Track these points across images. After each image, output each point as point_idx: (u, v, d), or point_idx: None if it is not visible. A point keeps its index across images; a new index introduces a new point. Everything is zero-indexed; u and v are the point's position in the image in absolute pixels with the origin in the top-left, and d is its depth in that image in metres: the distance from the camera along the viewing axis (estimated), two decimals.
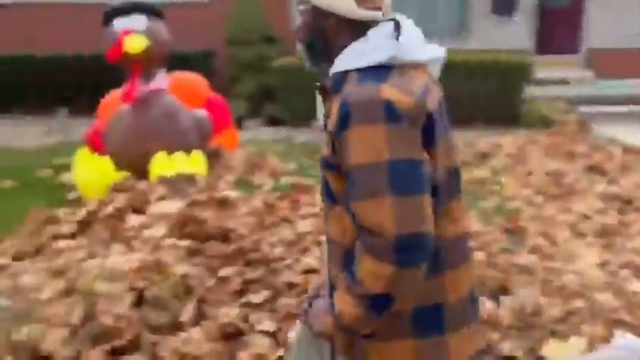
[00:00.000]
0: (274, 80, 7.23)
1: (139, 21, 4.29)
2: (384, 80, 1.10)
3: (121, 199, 3.09)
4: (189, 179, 3.43)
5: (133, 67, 4.32)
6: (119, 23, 4.26)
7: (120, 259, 2.44)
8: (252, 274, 2.38)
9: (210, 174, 4.27)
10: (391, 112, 1.07)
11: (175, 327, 2.16)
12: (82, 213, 3.03)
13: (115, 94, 5.18)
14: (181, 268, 2.36)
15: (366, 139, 1.07)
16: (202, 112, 4.85)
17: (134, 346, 2.10)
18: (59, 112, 6.95)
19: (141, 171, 4.19)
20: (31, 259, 2.79)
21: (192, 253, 2.55)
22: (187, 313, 2.16)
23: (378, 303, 1.10)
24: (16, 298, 2.35)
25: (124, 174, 4.17)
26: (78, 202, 4.14)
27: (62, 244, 2.80)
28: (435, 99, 1.18)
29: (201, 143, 4.72)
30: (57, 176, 5.11)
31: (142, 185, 3.36)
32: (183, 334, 2.09)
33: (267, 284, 2.34)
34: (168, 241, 2.62)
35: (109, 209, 3.02)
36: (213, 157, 4.82)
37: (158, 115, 4.40)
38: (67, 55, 7.62)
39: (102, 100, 5.23)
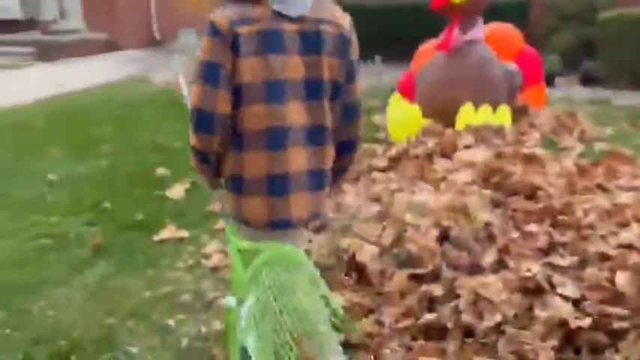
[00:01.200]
0: (597, 34, 6.42)
1: None
2: (224, 9, 1.60)
3: (429, 143, 3.26)
4: (498, 131, 3.39)
5: (453, 16, 4.39)
6: None
7: (428, 196, 2.62)
8: (559, 236, 2.27)
9: (515, 129, 4.14)
10: (212, 29, 1.59)
11: (474, 269, 2.23)
12: (395, 151, 3.32)
13: (430, 44, 5.39)
14: (485, 215, 2.40)
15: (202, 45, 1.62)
16: (513, 66, 4.68)
17: (434, 277, 2.27)
18: (374, 58, 7.56)
19: (447, 119, 4.32)
20: (351, 183, 3.21)
21: (496, 203, 2.56)
22: (488, 258, 2.21)
23: (195, 154, 1.67)
24: (339, 214, 2.76)
25: (430, 121, 4.37)
26: (385, 141, 4.54)
27: (376, 175, 3.14)
28: (254, 27, 1.58)
29: (509, 97, 4.59)
30: (368, 115, 5.64)
31: (449, 132, 3.46)
32: (481, 278, 2.16)
33: (576, 250, 2.21)
34: (473, 188, 2.68)
35: (419, 150, 3.23)
36: (519, 113, 4.63)
37: (471, 65, 4.41)
38: (387, 5, 8.16)
39: (418, 49, 5.52)
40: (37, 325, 2.49)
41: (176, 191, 3.88)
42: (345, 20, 1.73)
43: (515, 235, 2.31)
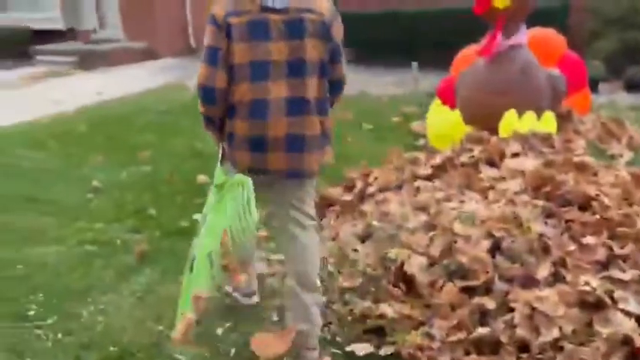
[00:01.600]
0: None
1: None
2: (223, 2, 2.03)
3: (475, 151, 3.19)
4: (545, 138, 3.30)
5: (496, 21, 4.32)
6: None
7: (477, 206, 2.56)
8: (619, 248, 2.19)
9: (561, 137, 4.04)
10: (212, 19, 2.02)
11: (528, 282, 2.17)
12: (439, 158, 3.26)
13: (470, 50, 5.31)
14: (539, 226, 2.33)
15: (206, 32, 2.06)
16: (557, 71, 4.57)
17: (486, 289, 2.21)
18: (410, 65, 7.50)
19: (489, 126, 4.24)
20: (394, 191, 3.17)
21: (548, 214, 2.48)
22: (543, 271, 2.14)
23: (203, 119, 2.16)
24: (385, 222, 2.72)
25: (471, 128, 4.29)
26: (425, 149, 4.48)
27: (420, 183, 3.09)
28: (244, 18, 1.99)
29: (554, 103, 4.48)
30: (406, 123, 5.60)
31: (495, 139, 3.39)
32: (536, 291, 2.09)
33: (637, 263, 2.12)
34: (523, 197, 2.61)
35: (464, 158, 3.17)
36: (564, 119, 4.52)
37: (513, 70, 4.32)
38: (423, 11, 8.10)
39: (457, 55, 5.45)
40: (88, 330, 2.53)
41: None
42: (325, 8, 2.07)
43: (571, 247, 2.23)
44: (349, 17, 9.00)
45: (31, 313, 2.66)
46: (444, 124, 4.40)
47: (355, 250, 2.64)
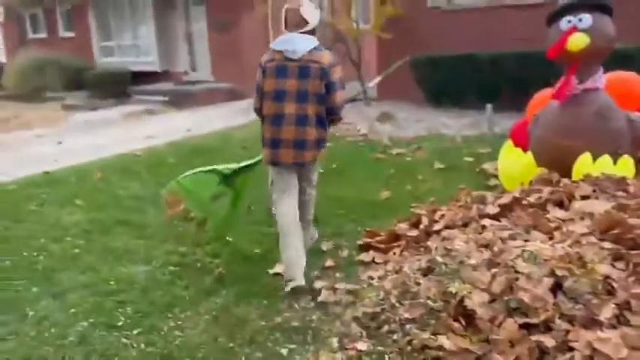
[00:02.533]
0: None
1: (584, 18, 4.24)
2: (265, 54, 3.34)
3: (544, 191, 3.21)
4: (619, 182, 3.25)
5: (571, 64, 4.32)
6: (565, 21, 4.31)
7: (541, 245, 2.58)
8: None
9: (636, 181, 3.92)
10: (259, 65, 3.32)
11: (590, 323, 2.17)
12: (506, 198, 3.30)
13: (545, 92, 5.30)
14: (604, 268, 2.33)
15: None
16: (637, 114, 4.46)
17: (546, 327, 2.22)
18: (485, 106, 7.51)
19: (562, 169, 4.20)
20: (460, 229, 3.24)
21: (616, 256, 2.46)
22: (607, 312, 2.13)
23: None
24: (448, 258, 2.80)
25: (544, 170, 4.27)
26: (496, 189, 4.50)
27: (486, 222, 3.14)
28: (273, 63, 3.24)
29: (633, 148, 4.37)
30: (478, 163, 5.62)
31: (565, 181, 3.38)
32: (598, 332, 2.09)
33: None
34: (590, 238, 2.60)
35: (532, 198, 3.19)
36: None
37: (589, 113, 4.28)
38: (497, 54, 8.13)
39: (533, 98, 5.45)
40: (168, 343, 2.78)
41: None
42: (326, 60, 3.22)
43: (637, 289, 2.21)
44: (427, 61, 9.17)
45: (120, 323, 2.97)
46: (516, 165, 4.40)
47: (417, 284, 2.73)
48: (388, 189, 4.84)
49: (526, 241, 2.72)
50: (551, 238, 2.76)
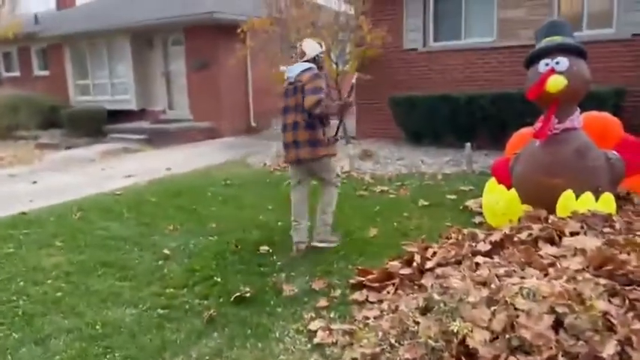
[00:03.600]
0: None
1: (561, 61, 4.42)
2: None
3: (534, 228, 3.26)
4: (605, 218, 3.34)
5: (550, 105, 4.48)
6: (543, 64, 4.49)
7: (538, 282, 2.61)
8: None
9: (620, 217, 4.02)
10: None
11: None
12: (497, 235, 3.35)
13: (524, 131, 5.47)
14: (602, 304, 2.36)
15: None
16: (614, 153, 4.62)
17: None
18: (464, 145, 7.69)
19: (545, 206, 4.30)
20: (453, 266, 3.26)
21: (611, 292, 2.50)
22: (609, 349, 2.15)
23: None
24: (446, 296, 2.79)
25: (527, 207, 4.36)
26: (482, 226, 4.55)
27: (480, 259, 3.17)
28: (283, 87, 4.37)
29: (611, 185, 4.51)
30: (461, 200, 5.70)
31: (554, 218, 3.45)
32: None
33: None
34: (585, 275, 2.64)
35: (523, 235, 3.24)
36: (623, 201, 4.52)
37: (568, 152, 4.43)
38: (472, 95, 8.38)
39: (512, 136, 5.61)
40: None
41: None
42: (305, 78, 4.15)
43: (637, 325, 2.24)
44: (406, 100, 9.37)
45: None
46: (500, 201, 4.47)
47: (416, 323, 2.71)
48: (375, 226, 4.85)
49: (522, 278, 2.74)
50: (546, 275, 2.80)
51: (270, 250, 4.46)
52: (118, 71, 14.89)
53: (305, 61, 4.27)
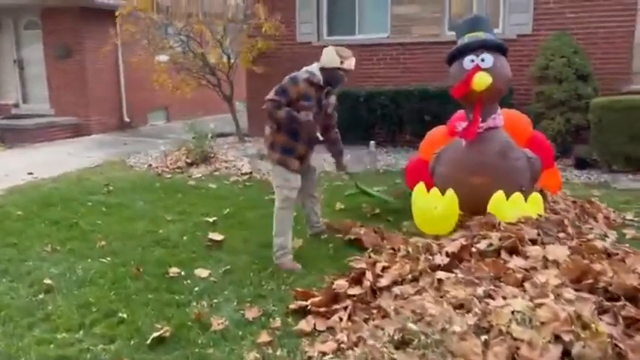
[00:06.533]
0: (587, 119, 6.64)
1: (486, 58, 4.30)
2: None
3: (493, 237, 3.03)
4: (558, 223, 3.22)
5: (476, 103, 4.35)
6: (468, 60, 4.34)
7: (525, 302, 2.34)
8: None
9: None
10: None
11: None
12: (453, 246, 3.06)
13: (437, 130, 5.35)
14: (604, 326, 2.14)
15: None
16: (531, 152, 4.64)
17: None
18: (362, 143, 7.52)
19: (471, 205, 4.17)
20: (411, 284, 2.90)
21: (600, 310, 2.31)
22: None
23: None
24: (423, 324, 2.42)
25: (453, 210, 4.18)
26: (412, 234, 4.28)
27: (441, 274, 2.85)
28: None
29: (532, 184, 4.52)
30: (378, 203, 5.42)
31: (506, 225, 3.26)
32: None
33: None
34: (568, 291, 2.43)
35: (482, 246, 2.99)
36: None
37: (493, 151, 4.33)
38: (372, 92, 8.25)
39: (427, 135, 5.45)
40: None
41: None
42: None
43: None
44: None
45: None
46: (438, 207, 4.20)
47: None
48: (298, 236, 4.36)
49: (504, 298, 2.46)
50: (523, 291, 2.55)
51: (182, 273, 3.77)
52: None
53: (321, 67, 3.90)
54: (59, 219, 5.05)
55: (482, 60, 4.32)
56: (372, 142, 7.16)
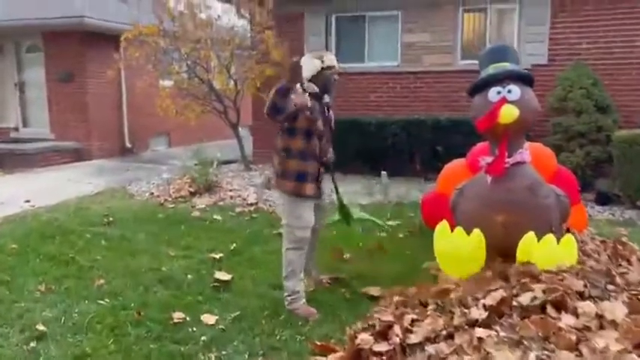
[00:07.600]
0: (608, 152, 6.40)
1: (513, 90, 4.07)
2: None
3: (537, 290, 2.73)
4: (606, 273, 2.93)
5: (502, 137, 4.09)
6: (494, 92, 4.10)
7: None
8: None
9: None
10: None
11: None
12: (491, 299, 2.76)
13: (458, 163, 5.08)
14: None
15: None
16: (557, 188, 4.37)
17: None
18: (371, 173, 7.28)
19: (496, 243, 3.88)
20: (447, 343, 2.60)
21: None
22: None
23: None
24: None
25: (481, 251, 3.89)
26: (435, 274, 3.99)
27: (481, 332, 2.54)
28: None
29: (561, 223, 4.24)
30: (394, 236, 5.13)
31: (548, 275, 2.96)
32: None
33: None
34: (631, 358, 2.13)
35: (525, 299, 2.69)
36: None
37: (521, 188, 4.04)
38: (383, 121, 8.02)
39: (444, 169, 5.19)
40: None
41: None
42: None
43: None
44: None
45: None
46: (467, 247, 3.91)
47: None
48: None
49: None
50: (579, 356, 2.24)
51: (187, 318, 3.45)
52: None
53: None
54: (56, 253, 4.74)
55: (509, 92, 4.06)
56: (383, 173, 6.90)
